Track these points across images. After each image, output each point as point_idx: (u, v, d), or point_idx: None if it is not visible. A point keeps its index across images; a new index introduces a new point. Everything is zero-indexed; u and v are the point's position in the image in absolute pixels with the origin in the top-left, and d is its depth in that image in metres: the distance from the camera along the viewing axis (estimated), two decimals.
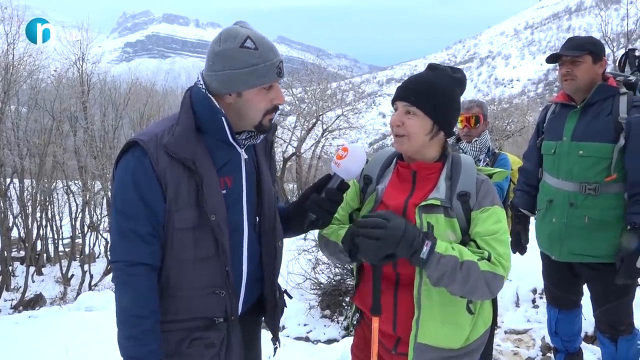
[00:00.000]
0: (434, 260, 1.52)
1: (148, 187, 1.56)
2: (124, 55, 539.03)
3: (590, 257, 2.64)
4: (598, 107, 2.61)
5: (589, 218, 2.60)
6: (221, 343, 1.66)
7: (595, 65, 2.62)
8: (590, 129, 2.60)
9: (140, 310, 1.56)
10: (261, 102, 1.63)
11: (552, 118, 2.86)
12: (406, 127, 1.69)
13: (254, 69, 1.58)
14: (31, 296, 11.08)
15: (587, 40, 2.69)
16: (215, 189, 1.61)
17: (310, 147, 20.47)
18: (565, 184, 2.67)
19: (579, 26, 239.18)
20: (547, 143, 2.82)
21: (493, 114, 19.24)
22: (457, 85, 1.75)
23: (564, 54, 2.66)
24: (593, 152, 2.57)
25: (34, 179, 13.50)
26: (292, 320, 5.83)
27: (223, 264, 1.63)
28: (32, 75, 13.87)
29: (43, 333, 4.63)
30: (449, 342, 1.67)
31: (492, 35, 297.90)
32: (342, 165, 1.69)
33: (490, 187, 1.71)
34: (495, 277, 1.57)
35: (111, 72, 21.26)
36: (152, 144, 1.57)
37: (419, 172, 1.75)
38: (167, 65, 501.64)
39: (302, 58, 72.55)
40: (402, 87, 1.75)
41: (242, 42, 1.58)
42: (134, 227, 1.56)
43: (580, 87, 2.64)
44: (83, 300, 6.24)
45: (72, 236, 14.77)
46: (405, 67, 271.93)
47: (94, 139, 15.10)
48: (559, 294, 2.99)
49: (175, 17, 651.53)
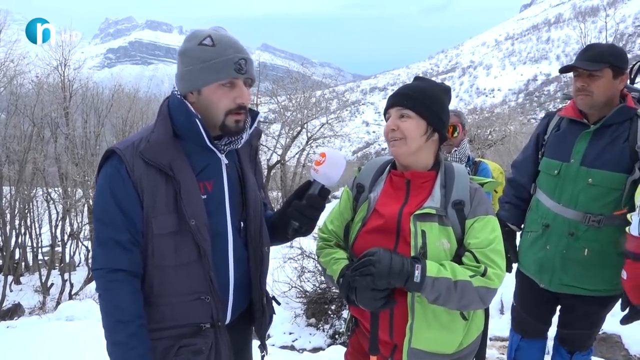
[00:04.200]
0: (429, 284, 1.56)
1: (125, 194, 1.57)
2: (106, 62, 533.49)
3: (582, 289, 2.43)
4: (615, 131, 2.32)
5: (589, 250, 2.36)
6: (209, 350, 1.64)
7: (615, 81, 2.29)
8: (604, 155, 2.31)
9: (124, 315, 1.55)
10: (221, 99, 1.61)
11: (558, 134, 2.53)
12: (402, 130, 1.72)
13: (208, 65, 1.58)
14: (9, 306, 10.82)
15: (608, 51, 2.31)
16: (194, 193, 1.60)
17: (294, 155, 20.51)
18: (566, 210, 2.40)
19: (558, 37, 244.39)
20: (550, 161, 2.50)
21: (475, 123, 19.51)
22: (444, 92, 1.81)
23: (581, 66, 2.31)
24: (604, 182, 2.30)
25: (13, 186, 13.24)
26: (278, 329, 5.81)
27: (206, 269, 1.61)
28: (12, 81, 13.65)
29: (23, 344, 4.52)
30: (442, 348, 1.69)
31: (474, 45, 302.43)
32: (321, 171, 1.69)
33: (483, 196, 1.73)
34: (488, 290, 1.62)
35: (93, 78, 21.01)
36: (129, 152, 1.59)
37: (413, 181, 1.76)
38: (150, 72, 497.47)
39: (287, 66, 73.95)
40: (393, 96, 1.80)
41: (201, 41, 1.60)
42: (112, 234, 1.57)
43: (596, 104, 2.32)
44: (63, 309, 6.12)
45: (51, 244, 14.49)
46: (389, 76, 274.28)
47: (76, 146, 14.89)
48: (527, 320, 2.75)
49: (159, 24, 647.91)
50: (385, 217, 1.72)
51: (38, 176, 14.22)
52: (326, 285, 5.87)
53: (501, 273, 1.64)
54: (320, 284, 5.96)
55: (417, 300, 1.65)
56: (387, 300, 1.61)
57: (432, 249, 1.63)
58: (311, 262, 6.17)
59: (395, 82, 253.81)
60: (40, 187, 14.55)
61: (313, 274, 6.10)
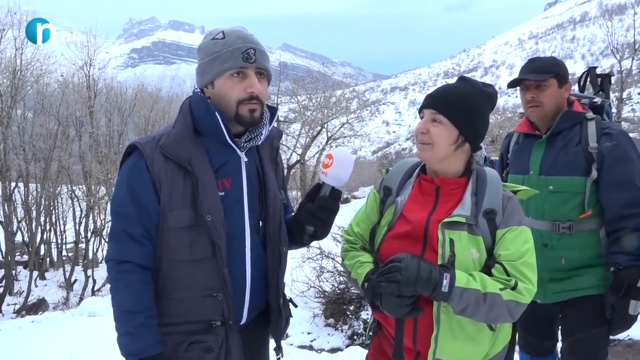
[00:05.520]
0: (457, 294, 1.49)
1: (142, 188, 1.59)
2: (130, 61, 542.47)
3: (576, 291, 2.37)
4: (565, 136, 2.37)
5: (565, 259, 2.35)
6: (220, 347, 1.63)
7: (561, 89, 2.38)
8: (559, 161, 2.35)
9: (133, 305, 1.56)
10: (231, 89, 1.62)
11: (516, 150, 2.61)
12: (431, 135, 1.64)
13: (217, 55, 1.62)
14: (34, 301, 11.09)
15: (551, 62, 2.43)
16: (211, 189, 1.60)
17: (314, 155, 20.50)
18: (536, 222, 2.40)
19: (584, 36, 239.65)
20: (513, 177, 2.55)
21: (497, 124, 19.25)
22: (486, 99, 1.70)
23: (528, 78, 2.39)
24: (564, 187, 2.33)
25: (39, 183, 13.55)
26: (296, 328, 5.80)
27: (220, 266, 1.61)
28: (39, 80, 13.96)
29: (46, 338, 4.62)
30: (468, 358, 1.63)
31: (497, 44, 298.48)
32: (330, 173, 1.66)
33: (516, 205, 1.66)
34: (518, 305, 1.55)
35: (117, 78, 21.40)
36: (149, 146, 1.62)
37: (443, 187, 1.69)
38: (172, 71, 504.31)
39: (307, 66, 74.08)
40: (430, 95, 1.72)
41: (214, 36, 1.65)
42: (126, 228, 1.59)
43: (547, 114, 2.39)
44: (86, 305, 6.24)
45: (75, 241, 14.79)
46: (410, 75, 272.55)
47: (99, 144, 15.19)
48: (532, 340, 2.68)
49: (181, 24, 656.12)
50: (412, 224, 1.66)
51: (63, 174, 14.53)
52: (345, 285, 5.85)
53: (532, 288, 1.57)
54: (339, 284, 5.93)
55: (443, 310, 1.59)
56: (412, 308, 1.55)
57: (460, 259, 1.57)
58: (330, 262, 6.15)
59: (416, 82, 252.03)
60: (65, 184, 14.86)
61: (332, 274, 6.07)
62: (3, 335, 4.95)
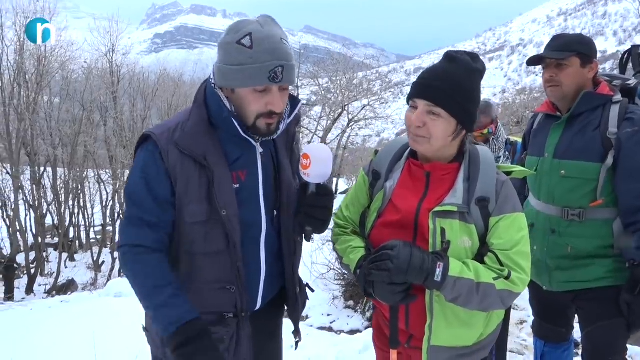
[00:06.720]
0: (450, 283, 1.46)
1: (156, 179, 1.57)
2: (153, 47, 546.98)
3: (584, 282, 2.28)
4: (585, 119, 2.23)
5: (572, 248, 2.25)
6: (230, 338, 1.65)
7: (584, 69, 2.23)
8: (575, 145, 2.23)
9: (158, 280, 1.56)
10: (252, 103, 1.57)
11: (535, 130, 2.49)
12: (428, 128, 1.55)
13: (242, 69, 1.52)
14: (64, 282, 11.46)
15: (574, 40, 2.27)
16: (226, 184, 1.59)
17: (336, 137, 20.44)
18: (547, 207, 2.31)
19: (616, 12, 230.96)
20: (530, 159, 2.44)
21: (524, 104, 18.81)
22: (478, 76, 1.60)
23: (547, 56, 2.26)
24: (576, 173, 2.21)
25: (67, 167, 13.89)
26: (316, 310, 5.85)
27: (234, 259, 1.61)
28: (64, 67, 14.21)
29: (73, 317, 4.77)
30: (463, 342, 1.62)
31: (524, 22, 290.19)
32: (311, 173, 1.61)
33: (510, 191, 1.60)
34: (511, 294, 1.51)
35: (140, 64, 21.63)
36: (164, 138, 1.58)
37: (434, 173, 1.63)
38: (195, 56, 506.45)
39: (329, 48, 72.02)
40: (422, 83, 1.58)
41: (241, 38, 1.52)
42: (141, 214, 1.58)
43: (566, 94, 2.26)
44: (112, 286, 6.40)
45: (103, 224, 15.17)
46: (434, 56, 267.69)
47: (124, 129, 15.43)
48: (546, 325, 2.61)
49: (203, 8, 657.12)
50: (402, 212, 1.61)
51: (89, 158, 14.87)
52: None
53: (526, 277, 1.52)
54: None
55: (436, 299, 1.55)
56: (405, 295, 1.52)
57: (452, 247, 1.52)
58: None
59: None
60: (91, 168, 15.21)
61: None
62: (34, 314, 5.13)
